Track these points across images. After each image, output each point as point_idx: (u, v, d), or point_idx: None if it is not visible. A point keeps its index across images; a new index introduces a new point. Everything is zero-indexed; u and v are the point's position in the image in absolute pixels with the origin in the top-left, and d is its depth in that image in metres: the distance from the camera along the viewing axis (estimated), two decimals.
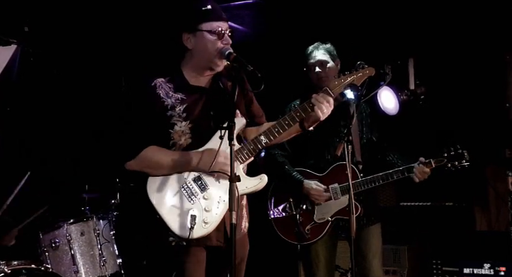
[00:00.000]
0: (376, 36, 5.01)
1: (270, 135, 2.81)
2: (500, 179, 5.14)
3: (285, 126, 2.81)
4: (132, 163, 2.79)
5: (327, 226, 3.64)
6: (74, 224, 4.38)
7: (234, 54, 2.74)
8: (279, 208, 3.76)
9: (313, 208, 3.68)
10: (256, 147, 2.80)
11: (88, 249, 4.37)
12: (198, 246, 2.77)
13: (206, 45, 2.80)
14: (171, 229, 2.68)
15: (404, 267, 4.82)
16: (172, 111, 2.78)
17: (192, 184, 2.74)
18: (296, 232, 3.67)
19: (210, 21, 2.79)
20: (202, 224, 2.69)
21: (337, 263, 4.68)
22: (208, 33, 2.79)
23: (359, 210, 3.58)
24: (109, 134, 4.84)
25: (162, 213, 2.70)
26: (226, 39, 2.81)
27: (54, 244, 4.28)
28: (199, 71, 2.87)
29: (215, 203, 2.73)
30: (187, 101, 2.81)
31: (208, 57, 2.82)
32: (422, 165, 3.55)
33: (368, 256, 3.67)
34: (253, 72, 2.67)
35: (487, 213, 5.24)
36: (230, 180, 2.51)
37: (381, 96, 4.88)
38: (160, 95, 2.81)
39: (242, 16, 5.05)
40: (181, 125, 2.77)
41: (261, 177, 2.81)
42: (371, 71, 2.90)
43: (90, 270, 4.32)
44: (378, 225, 3.77)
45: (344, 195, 3.62)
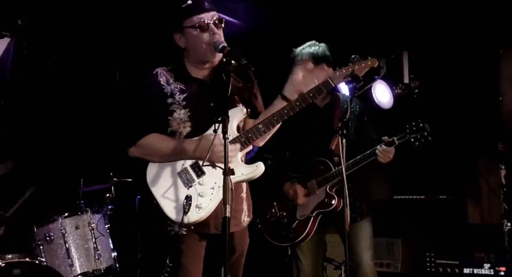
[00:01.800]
0: (371, 30, 5.01)
1: (269, 123, 2.80)
2: (492, 172, 5.17)
3: (284, 115, 2.80)
4: (134, 150, 2.82)
5: (309, 222, 3.68)
6: (69, 218, 4.36)
7: (227, 48, 2.73)
8: (266, 215, 3.82)
9: (295, 208, 3.73)
10: (254, 136, 2.79)
11: (83, 242, 4.36)
12: (196, 235, 2.78)
13: (194, 41, 2.81)
14: (166, 213, 2.70)
15: (398, 260, 4.85)
16: (171, 99, 2.80)
17: (189, 170, 2.76)
18: (283, 234, 3.73)
19: (191, 17, 2.80)
20: (196, 209, 2.70)
21: (331, 256, 4.73)
22: (192, 28, 2.80)
23: (335, 201, 3.62)
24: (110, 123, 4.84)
25: (157, 198, 2.72)
26: (211, 29, 2.79)
27: (48, 237, 4.27)
28: (198, 65, 2.88)
29: (209, 189, 2.74)
30: (188, 91, 2.83)
31: (201, 52, 2.82)
32: (385, 145, 3.56)
33: (358, 249, 3.70)
34: (246, 65, 2.66)
35: (480, 206, 5.26)
36: (224, 174, 2.52)
37: (375, 90, 4.90)
38: (161, 82, 2.83)
39: (236, 10, 5.03)
40: (180, 113, 2.79)
41: (257, 164, 2.82)
42: (373, 62, 2.90)
43: (84, 264, 4.32)
44: (368, 219, 3.80)
45: (321, 188, 3.66)
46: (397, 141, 3.56)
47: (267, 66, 4.09)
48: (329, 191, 3.67)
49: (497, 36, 4.99)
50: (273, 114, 2.80)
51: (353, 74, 2.85)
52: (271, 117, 2.80)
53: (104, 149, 5.09)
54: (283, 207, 3.77)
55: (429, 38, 5.07)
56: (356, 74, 2.85)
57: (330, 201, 3.65)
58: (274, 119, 2.80)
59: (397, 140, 3.57)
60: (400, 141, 3.56)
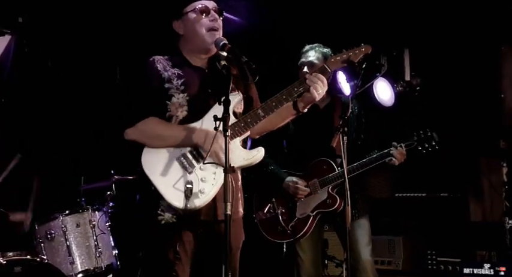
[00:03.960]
0: (372, 27, 5.00)
1: (268, 109, 2.79)
2: (494, 170, 5.16)
3: (283, 100, 2.79)
4: (131, 132, 2.77)
5: (309, 221, 3.69)
6: (70, 215, 4.36)
7: (228, 45, 2.73)
8: (263, 210, 3.81)
9: (295, 205, 3.73)
10: (253, 120, 2.78)
11: (83, 240, 4.36)
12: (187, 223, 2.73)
13: (194, 25, 2.82)
14: (166, 199, 2.66)
15: (399, 258, 4.84)
16: (169, 84, 2.79)
17: (188, 155, 2.74)
18: (281, 230, 3.73)
19: (192, 2, 2.82)
20: (198, 194, 2.67)
21: (332, 254, 4.74)
22: (193, 12, 2.82)
23: (337, 202, 3.63)
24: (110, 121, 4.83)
25: (156, 184, 2.68)
26: (212, 15, 2.81)
27: (49, 235, 4.26)
28: (195, 53, 2.89)
29: (211, 174, 2.71)
30: (185, 76, 2.82)
31: (200, 37, 2.83)
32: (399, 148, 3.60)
33: (357, 247, 3.71)
34: (247, 63, 2.66)
35: (482, 204, 5.26)
36: (225, 171, 2.51)
37: (377, 87, 4.89)
38: (158, 68, 2.82)
39: (237, 7, 5.03)
40: (178, 97, 2.78)
41: (258, 149, 2.80)
42: (367, 49, 2.90)
43: (85, 261, 4.32)
44: (366, 218, 3.80)
45: (323, 188, 3.67)
46: (405, 148, 3.59)
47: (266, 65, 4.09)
48: (331, 192, 3.67)
49: (498, 33, 4.98)
50: (271, 99, 2.79)
51: (349, 60, 2.86)
52: (269, 102, 2.79)
53: (105, 147, 5.09)
54: (283, 203, 3.77)
55: (430, 35, 5.06)
56: (351, 59, 2.86)
57: (332, 202, 3.66)
58: (273, 104, 2.78)
59: (404, 147, 3.59)
60: (408, 148, 3.60)
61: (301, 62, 3.79)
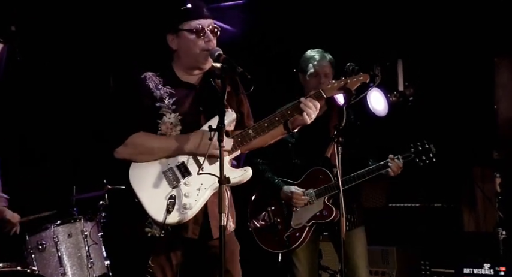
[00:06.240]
0: (366, 37, 5.02)
1: (259, 129, 2.79)
2: (487, 180, 5.18)
3: (275, 122, 2.80)
4: (122, 150, 2.75)
5: (304, 231, 3.67)
6: (61, 226, 4.32)
7: (223, 56, 2.73)
8: (259, 219, 3.79)
9: (290, 215, 3.71)
10: (243, 140, 2.78)
11: (75, 250, 4.31)
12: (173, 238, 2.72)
13: (188, 45, 2.80)
14: (148, 212, 2.65)
15: (393, 268, 4.83)
16: (161, 103, 2.78)
17: (175, 170, 2.72)
18: (276, 240, 3.71)
19: (189, 20, 2.79)
20: (181, 209, 2.66)
21: (326, 264, 4.71)
22: (188, 32, 2.79)
23: (333, 213, 3.61)
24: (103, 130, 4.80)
25: (140, 196, 2.67)
26: (207, 36, 2.79)
27: (40, 246, 4.21)
28: (188, 70, 2.87)
29: (195, 190, 2.70)
30: (177, 95, 2.81)
31: (193, 57, 2.81)
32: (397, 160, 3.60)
33: (353, 258, 3.70)
34: (242, 73, 2.65)
35: (475, 214, 5.27)
36: (219, 182, 2.50)
37: (370, 97, 4.88)
38: (150, 86, 2.80)
39: (232, 17, 5.03)
40: (170, 117, 2.77)
41: (245, 169, 2.79)
42: (365, 77, 2.92)
43: (77, 272, 4.27)
44: (362, 228, 3.79)
45: (319, 199, 3.65)
46: (402, 160, 3.60)
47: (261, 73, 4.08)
48: (327, 202, 3.65)
49: (491, 44, 5.01)
50: (263, 120, 2.80)
51: (345, 87, 2.87)
52: (262, 122, 2.80)
53: (97, 156, 5.05)
54: (278, 212, 3.75)
55: (424, 45, 5.08)
56: (348, 87, 2.88)
57: (328, 213, 3.64)
58: (265, 125, 2.79)
59: (402, 159, 3.60)
60: (405, 160, 3.61)
61: (313, 69, 3.71)
